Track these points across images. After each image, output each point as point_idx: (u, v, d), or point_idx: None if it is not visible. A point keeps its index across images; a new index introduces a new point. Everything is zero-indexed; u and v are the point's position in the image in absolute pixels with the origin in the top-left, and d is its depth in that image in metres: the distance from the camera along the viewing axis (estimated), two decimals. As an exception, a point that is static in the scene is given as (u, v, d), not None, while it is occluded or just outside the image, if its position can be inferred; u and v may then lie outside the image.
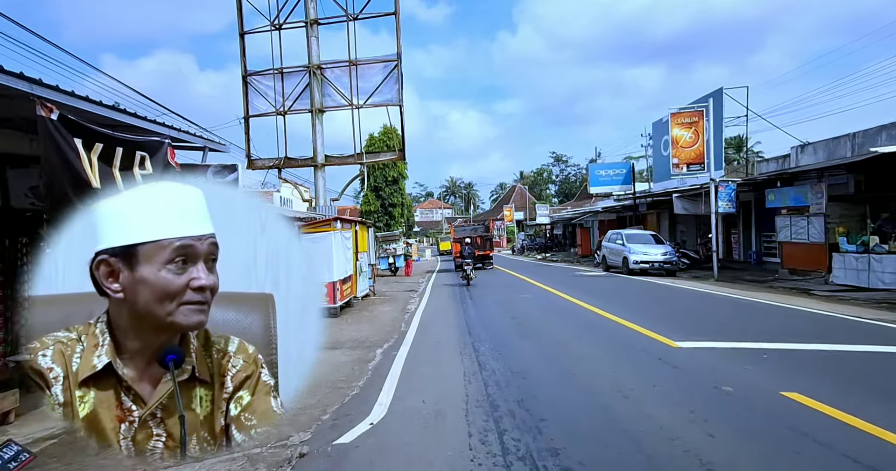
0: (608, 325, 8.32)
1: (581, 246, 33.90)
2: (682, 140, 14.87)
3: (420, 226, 72.55)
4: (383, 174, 30.60)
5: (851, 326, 7.73)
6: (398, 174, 31.04)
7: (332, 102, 12.06)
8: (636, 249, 17.60)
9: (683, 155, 14.86)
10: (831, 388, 4.59)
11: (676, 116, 14.92)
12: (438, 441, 3.72)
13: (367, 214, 30.81)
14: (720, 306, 10.29)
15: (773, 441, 3.50)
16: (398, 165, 30.85)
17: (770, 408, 4.15)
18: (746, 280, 14.31)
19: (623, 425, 3.87)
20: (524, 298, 12.32)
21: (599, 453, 3.40)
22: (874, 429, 3.60)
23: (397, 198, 31.22)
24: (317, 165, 12.10)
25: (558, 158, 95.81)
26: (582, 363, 5.89)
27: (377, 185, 30.72)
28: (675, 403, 4.35)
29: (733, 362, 5.68)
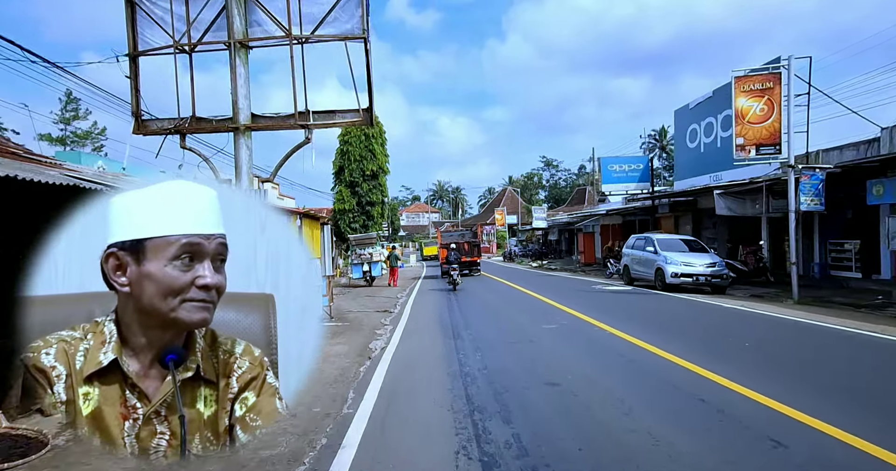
0: (731, 401, 4.36)
1: (584, 253, 30.19)
2: (751, 113, 11.15)
3: (406, 230, 71.60)
4: (360, 168, 26.49)
5: None
6: (378, 168, 26.96)
7: (262, 33, 8.05)
8: (674, 258, 13.77)
9: (752, 133, 11.12)
10: None
11: (743, 81, 11.18)
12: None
13: (341, 213, 26.68)
14: (883, 358, 6.48)
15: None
16: (378, 158, 26.82)
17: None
18: (840, 303, 10.50)
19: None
20: (549, 332, 8.35)
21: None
22: None
23: (377, 195, 27.10)
24: (238, 128, 7.96)
25: (548, 162, 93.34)
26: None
27: (353, 179, 26.59)
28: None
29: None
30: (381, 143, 27.42)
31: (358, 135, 26.33)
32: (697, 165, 19.35)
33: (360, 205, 26.86)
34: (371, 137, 26.48)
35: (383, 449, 3.63)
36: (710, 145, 18.43)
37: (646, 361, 6.10)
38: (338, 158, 26.99)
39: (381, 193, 27.41)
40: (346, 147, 26.49)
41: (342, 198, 26.59)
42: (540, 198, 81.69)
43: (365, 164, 26.43)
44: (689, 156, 20.07)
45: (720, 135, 17.75)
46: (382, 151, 27.37)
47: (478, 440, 3.68)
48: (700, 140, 19.19)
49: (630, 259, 16.16)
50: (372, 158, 26.63)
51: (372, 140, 26.54)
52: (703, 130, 18.87)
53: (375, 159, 26.71)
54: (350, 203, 26.51)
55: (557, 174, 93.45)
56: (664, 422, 3.97)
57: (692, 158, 19.84)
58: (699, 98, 19.18)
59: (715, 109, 18.04)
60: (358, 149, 26.31)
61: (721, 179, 17.59)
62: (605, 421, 4.04)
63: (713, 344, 7.14)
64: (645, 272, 15.06)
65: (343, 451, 3.57)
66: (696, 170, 19.41)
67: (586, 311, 10.25)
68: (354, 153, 26.26)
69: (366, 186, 26.67)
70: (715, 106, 18.09)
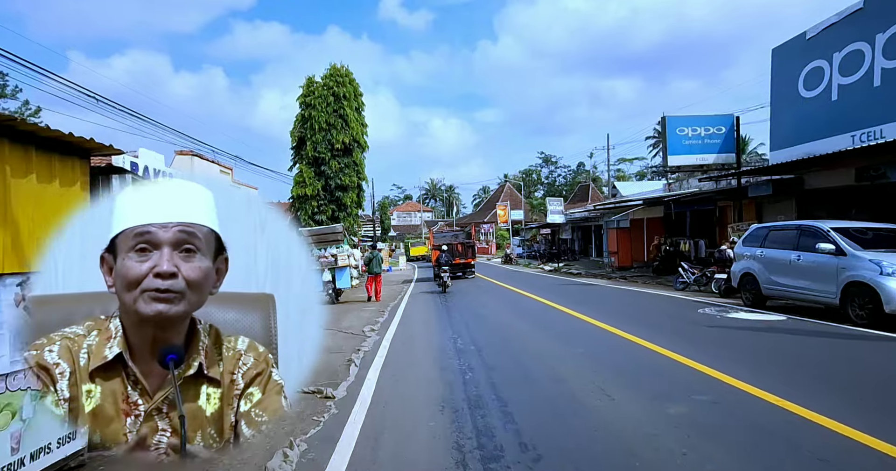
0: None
1: (619, 254, 23.61)
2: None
3: (398, 230, 66.09)
4: (327, 140, 19.64)
5: None
6: (352, 140, 20.10)
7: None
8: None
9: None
10: None
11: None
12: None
13: (301, 200, 19.89)
14: None
15: None
16: (352, 126, 20.00)
17: None
18: None
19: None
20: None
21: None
22: None
23: (350, 177, 20.22)
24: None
25: (547, 159, 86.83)
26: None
27: (318, 156, 19.72)
28: None
29: None
30: (357, 107, 20.62)
31: (325, 95, 19.52)
32: (819, 124, 12.83)
33: (328, 189, 20.01)
34: (342, 99, 19.67)
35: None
36: (857, 87, 11.91)
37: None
38: (297, 126, 20.11)
39: (357, 174, 20.59)
40: (309, 112, 19.67)
41: (303, 180, 19.72)
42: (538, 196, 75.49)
43: (334, 134, 19.59)
44: (802, 111, 13.55)
45: (881, 65, 11.23)
46: (358, 119, 20.57)
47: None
48: (830, 83, 12.66)
49: (758, 265, 9.55)
50: (344, 127, 19.81)
51: (343, 102, 19.73)
52: (839, 65, 12.35)
53: (348, 128, 19.89)
54: (314, 187, 19.65)
55: (557, 171, 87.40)
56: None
57: (809, 114, 13.32)
58: (830, 18, 12.65)
59: (867, 29, 11.55)
60: (324, 114, 19.51)
61: (880, 137, 11.09)
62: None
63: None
64: (802, 289, 8.47)
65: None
66: (815, 130, 12.90)
67: (753, 376, 3.63)
68: (319, 120, 19.45)
69: (335, 164, 19.81)
70: (866, 24, 11.59)
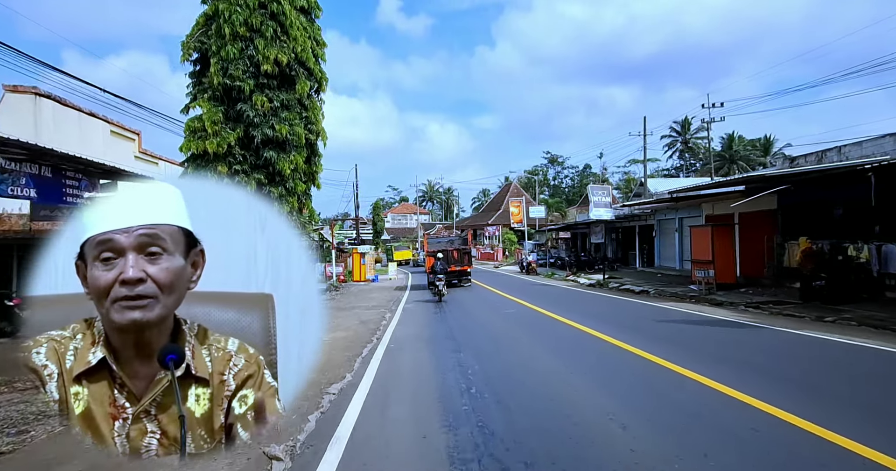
0: None
1: (718, 266, 14.95)
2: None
3: (392, 233, 60.91)
4: (248, 57, 11.04)
5: None
6: (294, 60, 11.43)
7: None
8: None
9: None
10: None
11: None
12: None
13: (200, 160, 11.26)
14: None
15: None
16: (295, 38, 11.38)
17: None
18: None
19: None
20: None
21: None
22: None
23: (291, 125, 11.57)
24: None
25: (553, 159, 79.00)
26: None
27: (231, 84, 11.06)
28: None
29: None
30: (306, 6, 12.05)
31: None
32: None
33: (249, 145, 11.33)
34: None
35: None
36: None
37: None
38: (196, 32, 11.41)
39: (306, 121, 11.94)
40: (216, 5, 11.07)
41: (202, 127, 10.97)
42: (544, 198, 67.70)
43: (262, 48, 10.98)
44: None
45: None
46: (308, 28, 12.00)
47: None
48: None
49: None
50: (278, 36, 11.21)
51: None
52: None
53: (287, 40, 11.28)
54: (223, 139, 10.95)
55: (563, 172, 79.67)
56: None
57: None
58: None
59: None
60: (243, 10, 10.93)
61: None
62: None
63: None
64: None
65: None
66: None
67: None
68: (234, 20, 10.85)
69: (261, 99, 11.12)
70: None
